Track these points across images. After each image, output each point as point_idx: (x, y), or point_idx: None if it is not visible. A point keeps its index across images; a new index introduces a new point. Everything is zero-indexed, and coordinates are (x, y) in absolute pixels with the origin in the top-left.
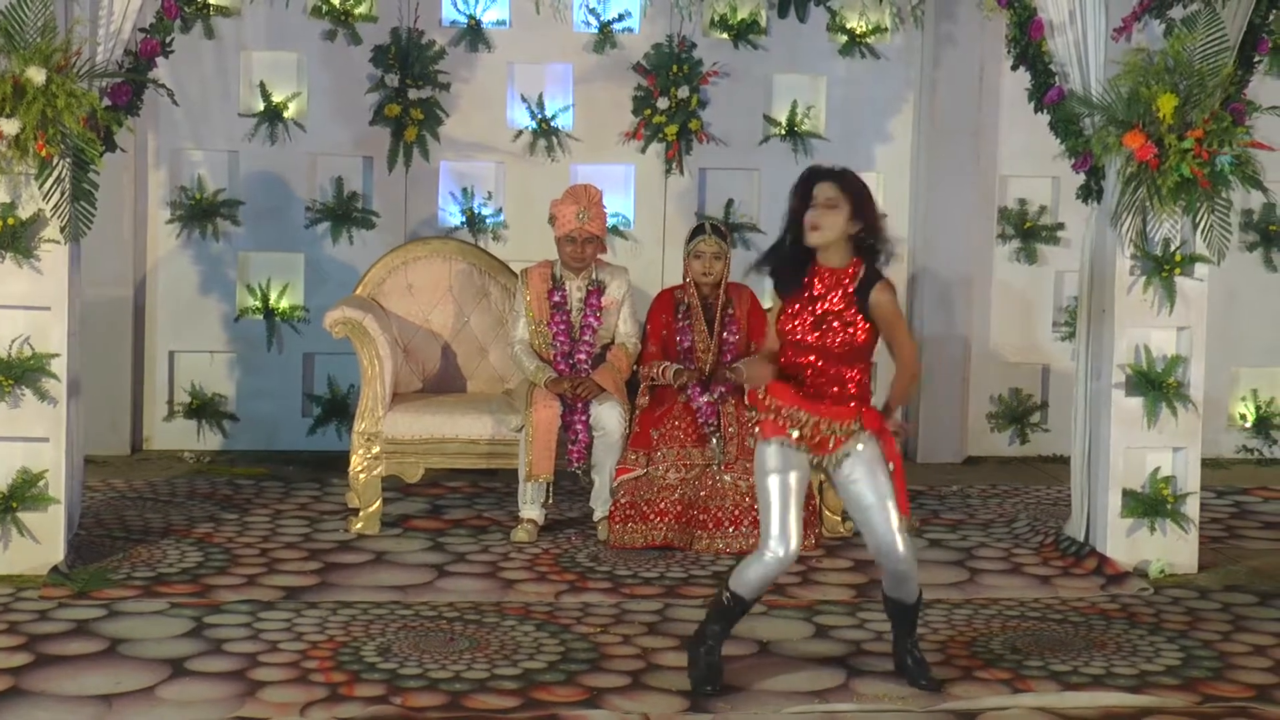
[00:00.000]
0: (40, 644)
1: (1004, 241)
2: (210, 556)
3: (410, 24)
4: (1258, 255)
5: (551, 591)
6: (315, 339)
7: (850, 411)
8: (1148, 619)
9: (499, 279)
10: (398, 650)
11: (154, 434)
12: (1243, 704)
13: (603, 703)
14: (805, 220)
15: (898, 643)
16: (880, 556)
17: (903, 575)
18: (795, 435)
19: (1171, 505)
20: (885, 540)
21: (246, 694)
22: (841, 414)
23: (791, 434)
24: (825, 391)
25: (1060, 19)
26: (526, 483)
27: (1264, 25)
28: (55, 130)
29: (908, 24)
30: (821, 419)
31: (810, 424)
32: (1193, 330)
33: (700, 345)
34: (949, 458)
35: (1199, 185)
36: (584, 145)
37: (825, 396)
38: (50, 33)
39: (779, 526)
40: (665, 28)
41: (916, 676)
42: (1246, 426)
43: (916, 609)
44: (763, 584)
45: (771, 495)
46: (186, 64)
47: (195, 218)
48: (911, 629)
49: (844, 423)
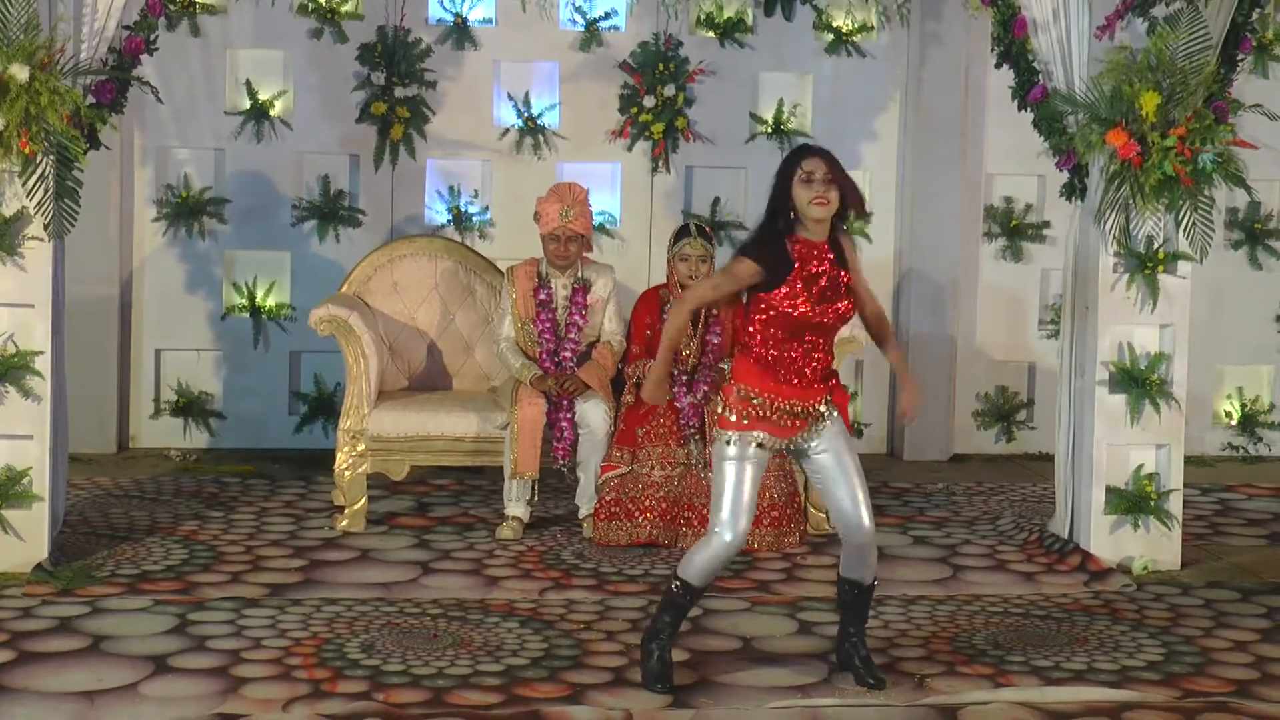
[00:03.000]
0: (23, 641)
1: (990, 240)
2: (195, 554)
3: (396, 22)
4: (1243, 253)
5: (536, 588)
6: (301, 337)
7: (820, 391)
8: (1130, 615)
9: (485, 277)
10: (381, 647)
11: (140, 432)
12: (1223, 699)
13: (586, 699)
14: (811, 198)
15: (844, 635)
16: (845, 529)
17: (864, 550)
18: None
19: (1155, 502)
20: (851, 513)
21: (229, 690)
22: (811, 394)
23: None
24: (803, 371)
25: (1044, 17)
26: (512, 480)
27: (1246, 24)
28: (39, 127)
29: (894, 23)
30: (794, 401)
31: (781, 413)
32: (1175, 327)
33: (686, 347)
34: (935, 455)
35: (1181, 183)
36: (570, 143)
37: (801, 377)
38: (34, 30)
39: (729, 511)
40: (652, 26)
41: (864, 674)
42: (1231, 424)
43: (870, 595)
44: (710, 569)
45: (726, 479)
46: (172, 62)
47: (181, 216)
48: (863, 620)
49: (813, 402)
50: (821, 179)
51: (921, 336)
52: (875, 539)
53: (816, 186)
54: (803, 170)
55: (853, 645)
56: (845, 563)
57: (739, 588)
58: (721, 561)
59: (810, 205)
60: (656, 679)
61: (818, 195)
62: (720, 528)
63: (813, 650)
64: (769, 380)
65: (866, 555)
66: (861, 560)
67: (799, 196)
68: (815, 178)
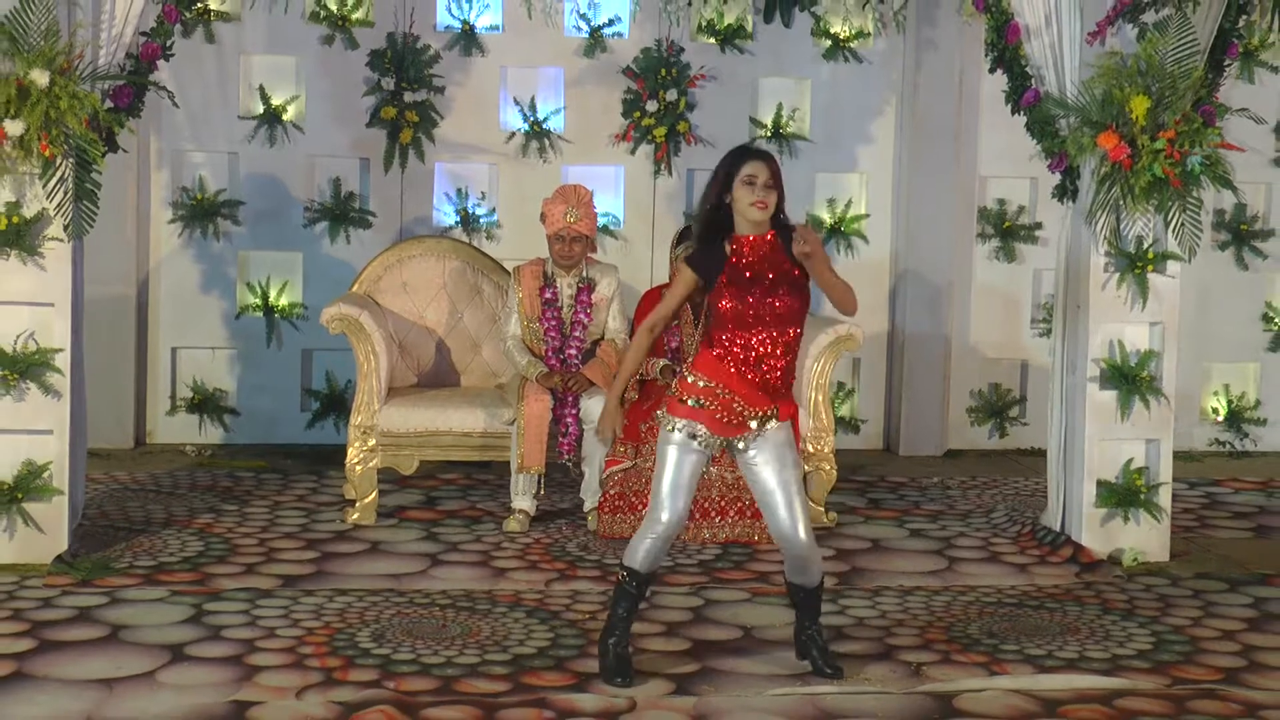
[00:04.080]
0: (43, 630)
1: (984, 241)
2: (210, 546)
3: (406, 29)
4: (1229, 254)
5: (542, 580)
6: (313, 335)
7: (766, 401)
8: (1120, 605)
9: (492, 277)
10: (391, 636)
11: (157, 428)
12: (1211, 686)
13: (591, 687)
14: (753, 201)
15: (801, 628)
16: (782, 541)
17: (804, 560)
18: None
19: (1144, 495)
20: (786, 526)
21: (244, 678)
22: (760, 401)
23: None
24: (759, 370)
25: (1036, 23)
26: (518, 474)
27: (1233, 30)
28: (58, 131)
29: (890, 29)
30: (738, 399)
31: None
32: (1165, 325)
33: (688, 344)
34: (930, 450)
35: (1170, 185)
36: (575, 147)
37: (755, 373)
38: (53, 36)
39: (667, 491)
40: (654, 32)
41: (821, 664)
42: (1219, 420)
43: (819, 593)
44: (653, 552)
45: (667, 461)
46: (188, 68)
47: (196, 218)
48: (815, 614)
49: (759, 409)
50: (763, 184)
51: (917, 335)
52: (812, 548)
53: (758, 190)
54: (745, 173)
55: (809, 637)
56: (789, 569)
57: (740, 579)
58: (663, 543)
59: (750, 208)
60: (615, 674)
61: (758, 199)
62: (657, 508)
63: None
64: (723, 373)
65: (808, 564)
66: (804, 568)
67: (740, 198)
68: (757, 181)
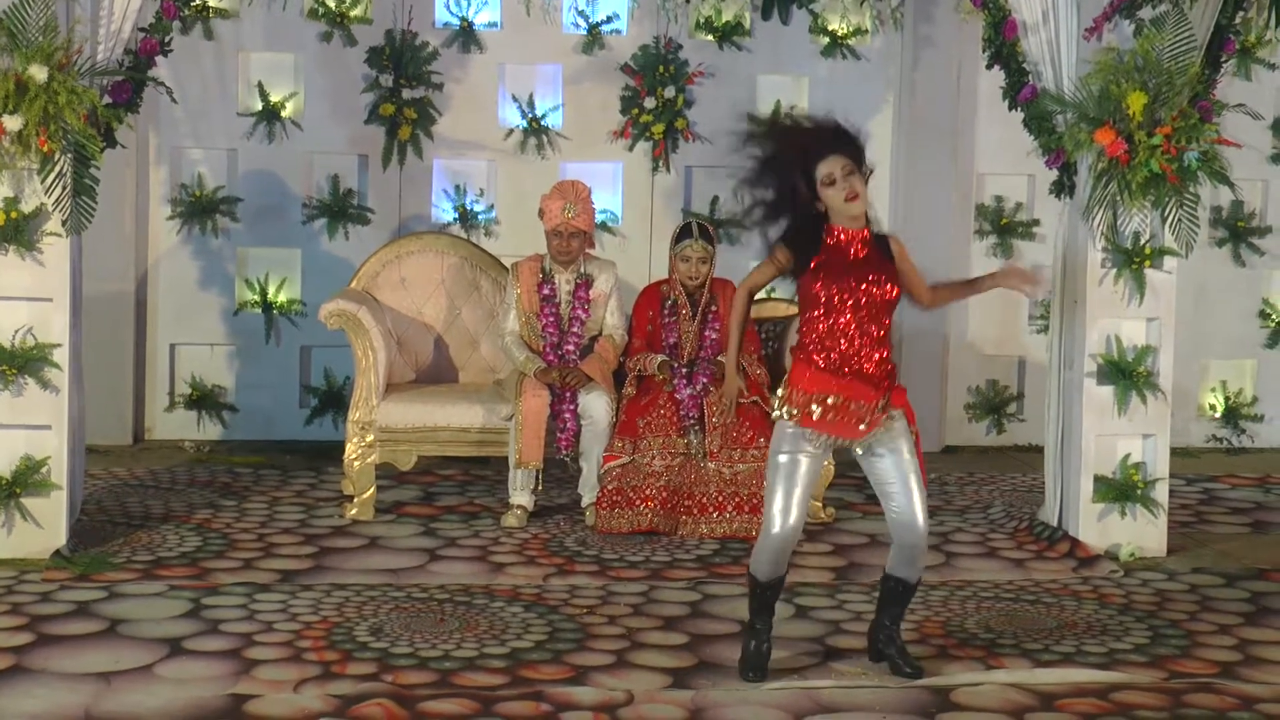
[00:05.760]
0: (42, 624)
1: (981, 237)
2: (209, 541)
3: (404, 26)
4: (1227, 250)
5: (540, 574)
6: (312, 332)
7: (878, 393)
8: (1117, 600)
9: (490, 273)
10: (389, 630)
11: (155, 424)
12: (1207, 680)
13: (588, 680)
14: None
15: (880, 626)
16: (899, 530)
17: (915, 552)
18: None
19: (1141, 490)
20: (905, 515)
21: (241, 672)
22: (870, 395)
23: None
24: (858, 367)
25: (1033, 19)
26: (516, 470)
27: (1230, 26)
28: (57, 126)
29: (887, 26)
30: (851, 400)
31: (837, 404)
32: (1162, 321)
33: (686, 341)
34: (928, 447)
35: (1167, 181)
36: (573, 143)
37: (856, 373)
38: (52, 32)
39: (780, 504)
40: (652, 29)
41: (901, 664)
42: (1216, 417)
43: (912, 593)
44: (774, 560)
45: (778, 474)
46: (187, 65)
47: (195, 214)
48: (901, 613)
49: (872, 403)
50: (842, 176)
51: (914, 332)
52: (927, 540)
53: (840, 185)
54: (823, 175)
55: (888, 636)
56: (894, 561)
57: (737, 574)
58: (782, 551)
59: (846, 205)
60: (748, 668)
61: (848, 191)
62: (771, 521)
63: (809, 634)
64: (818, 376)
65: (917, 557)
66: (911, 560)
67: (830, 199)
68: (836, 178)
